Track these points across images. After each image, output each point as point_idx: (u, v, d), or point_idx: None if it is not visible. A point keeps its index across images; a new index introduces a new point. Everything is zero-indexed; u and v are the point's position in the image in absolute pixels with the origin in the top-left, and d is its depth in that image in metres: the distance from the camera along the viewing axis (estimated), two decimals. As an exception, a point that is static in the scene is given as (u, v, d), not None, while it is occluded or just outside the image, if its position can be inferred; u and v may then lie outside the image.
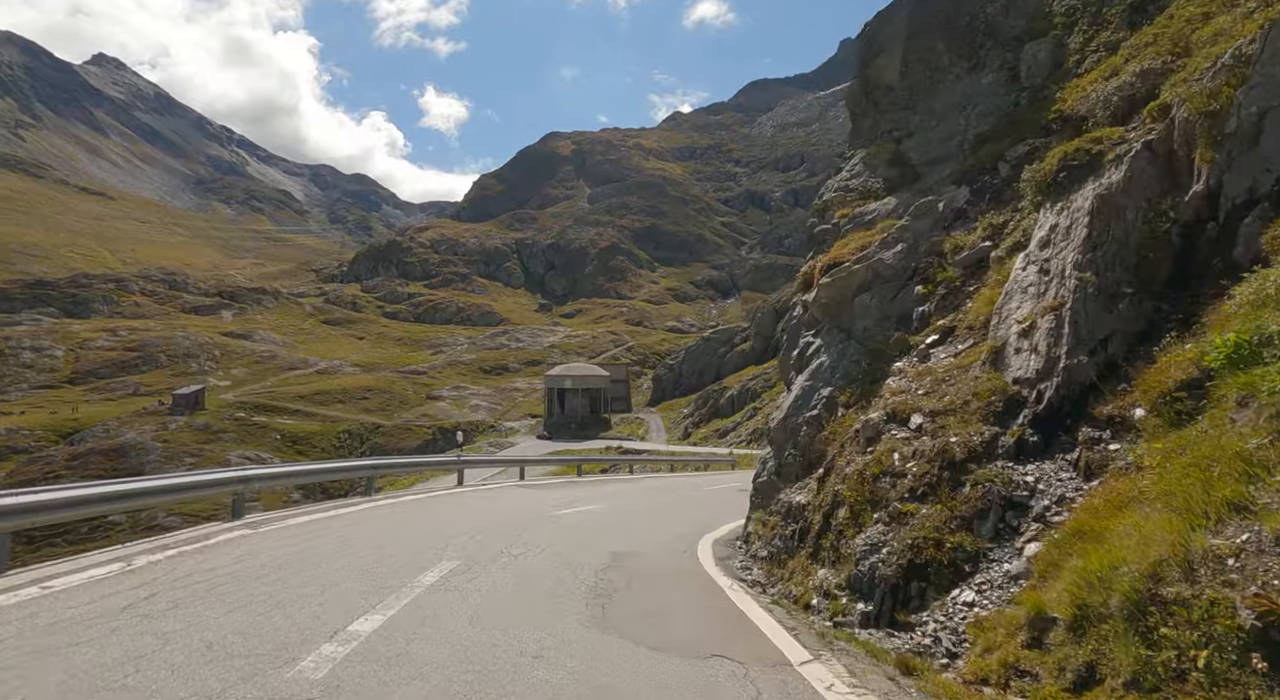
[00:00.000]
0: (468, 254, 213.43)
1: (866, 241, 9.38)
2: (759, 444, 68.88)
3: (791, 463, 9.16)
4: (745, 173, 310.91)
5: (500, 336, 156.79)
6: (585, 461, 31.63)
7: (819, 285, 9.67)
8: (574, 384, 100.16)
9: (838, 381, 8.71)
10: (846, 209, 10.79)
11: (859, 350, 8.81)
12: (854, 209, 10.66)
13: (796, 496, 8.44)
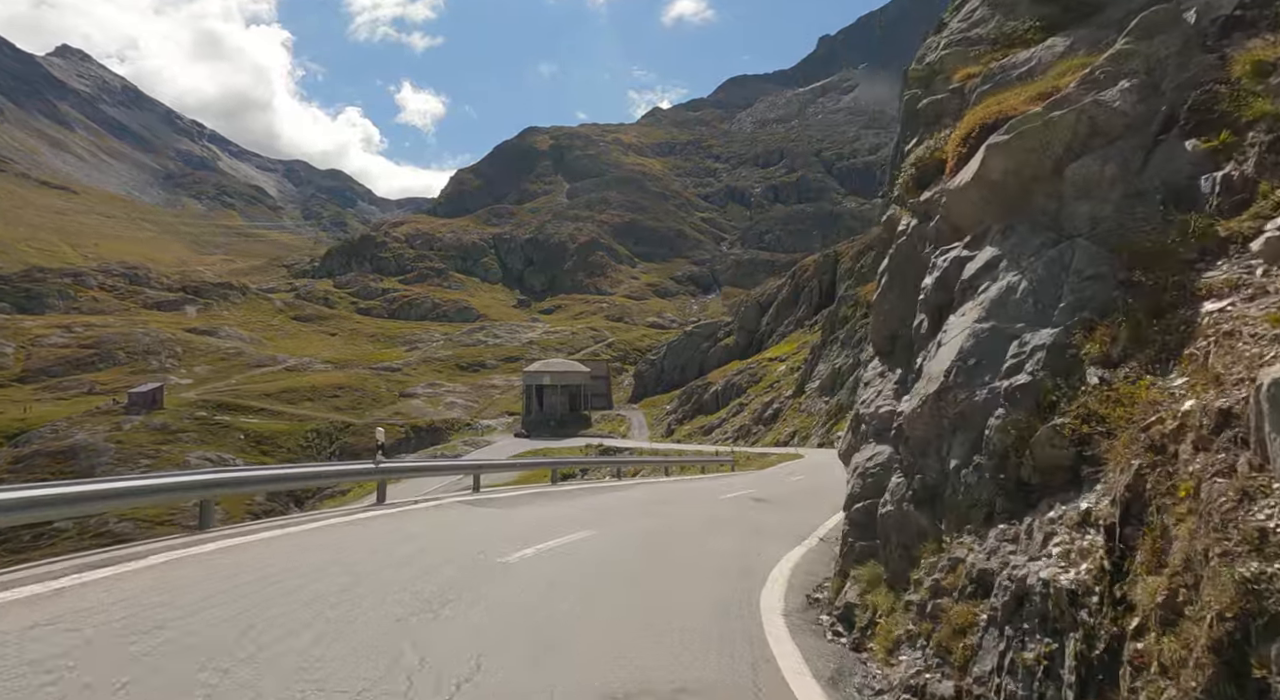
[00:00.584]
0: (444, 249, 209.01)
1: (1046, 89, 6.02)
2: (746, 441, 66.24)
3: (971, 485, 5.05)
4: (725, 168, 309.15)
5: (477, 333, 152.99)
6: (563, 465, 25.47)
7: (980, 160, 6.00)
8: (553, 380, 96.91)
9: (1064, 317, 4.93)
10: (974, 67, 7.44)
11: (1095, 256, 4.92)
12: (989, 64, 7.28)
13: (1013, 560, 4.25)
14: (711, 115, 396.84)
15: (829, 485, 21.18)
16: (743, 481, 23.78)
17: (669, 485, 22.20)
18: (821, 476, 23.78)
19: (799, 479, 23.37)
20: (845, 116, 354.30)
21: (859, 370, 60.68)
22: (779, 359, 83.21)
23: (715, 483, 23.56)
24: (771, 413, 66.19)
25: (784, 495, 18.84)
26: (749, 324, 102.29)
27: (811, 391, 62.65)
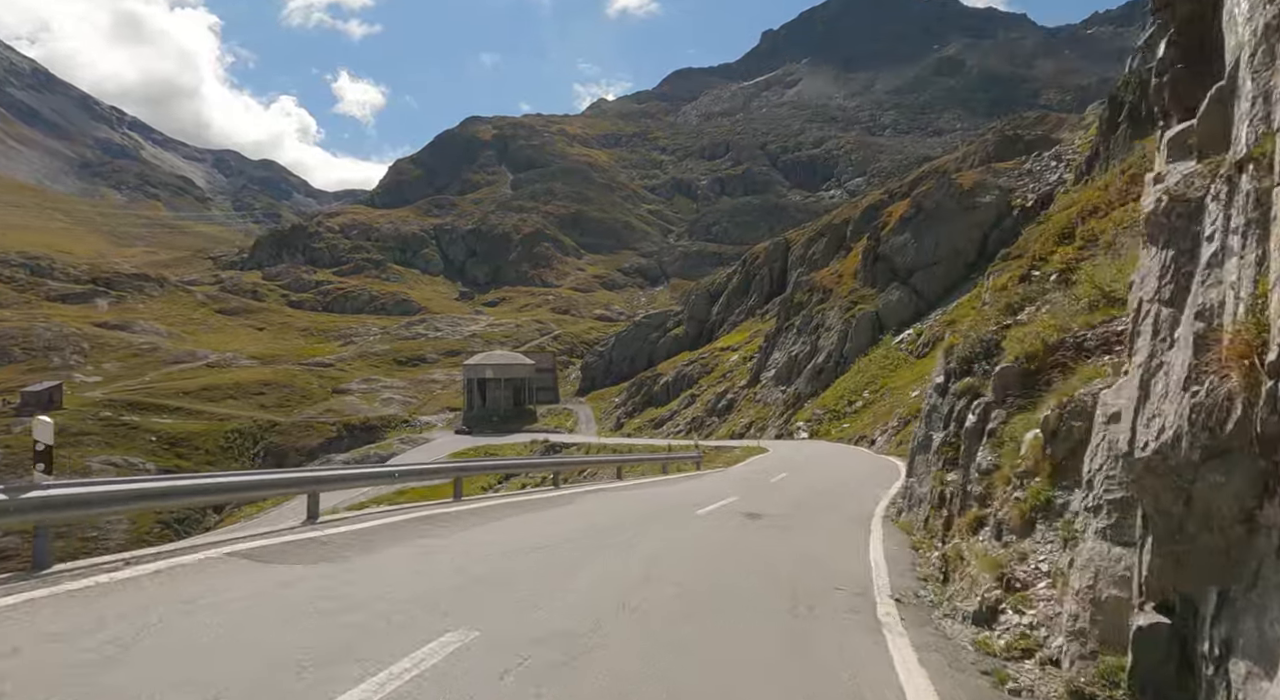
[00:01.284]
0: (382, 240, 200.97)
1: None
2: (699, 433, 63.16)
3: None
4: (671, 161, 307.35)
5: (417, 326, 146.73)
6: (470, 471, 16.07)
7: None
8: (495, 374, 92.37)
9: None
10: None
11: None
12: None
13: None
14: (657, 108, 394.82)
15: (828, 486, 18.04)
16: (716, 484, 18.99)
17: (624, 494, 16.22)
18: (809, 475, 20.52)
19: (783, 477, 19.93)
20: (789, 110, 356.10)
21: (816, 358, 58.23)
22: (731, 348, 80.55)
23: (683, 488, 17.98)
24: (725, 404, 63.32)
25: (780, 505, 14.16)
26: (699, 313, 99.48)
27: (767, 381, 59.98)
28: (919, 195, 58.20)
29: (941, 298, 51.92)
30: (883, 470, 21.12)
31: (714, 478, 21.68)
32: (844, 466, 23.15)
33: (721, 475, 22.25)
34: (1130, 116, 45.37)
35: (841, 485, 17.80)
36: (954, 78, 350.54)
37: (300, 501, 11.33)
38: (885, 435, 32.39)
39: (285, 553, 7.78)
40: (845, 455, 29.20)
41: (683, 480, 21.43)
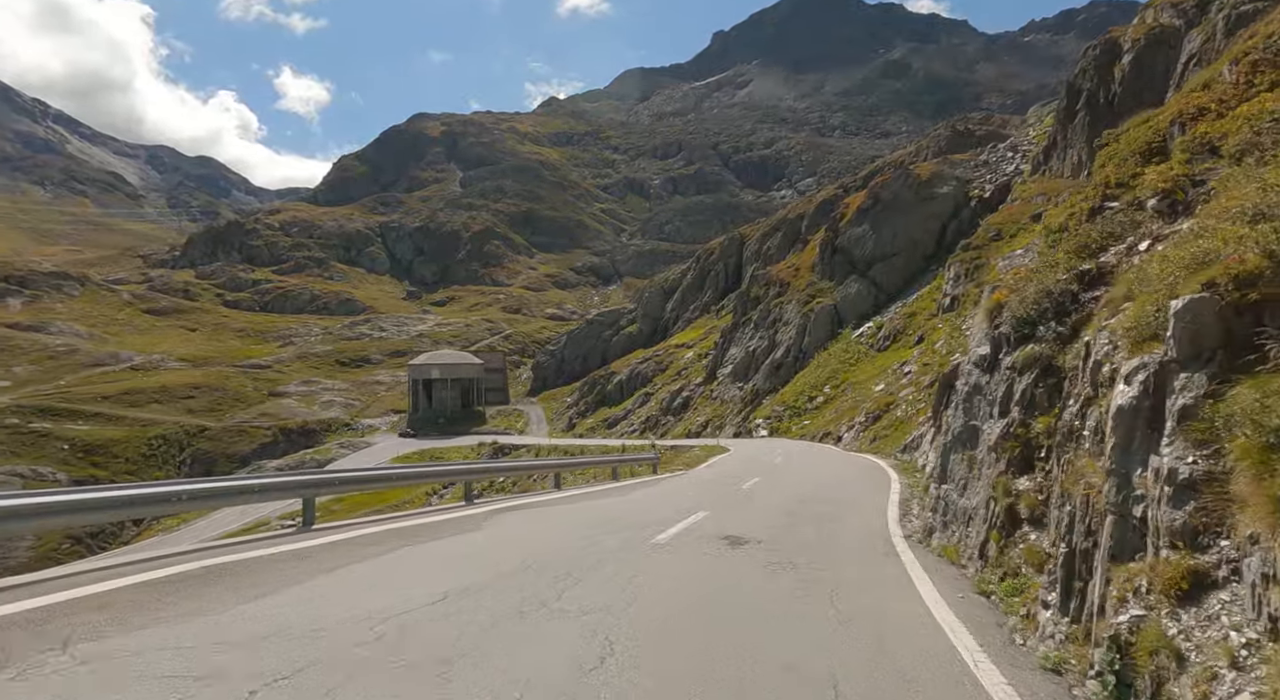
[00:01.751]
0: (325, 237, 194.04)
1: None
2: (654, 432, 60.90)
3: None
4: (624, 160, 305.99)
5: (361, 325, 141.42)
6: (323, 492, 11.04)
7: None
8: (442, 374, 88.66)
9: None
10: None
11: None
12: None
13: None
14: (609, 107, 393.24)
15: (813, 493, 14.62)
16: (677, 493, 15.37)
17: (560, 512, 12.24)
18: (786, 480, 17.47)
19: (756, 483, 16.60)
20: (740, 111, 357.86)
21: (774, 353, 56.52)
22: (686, 346, 78.56)
23: (637, 499, 14.27)
24: (681, 402, 61.19)
25: (766, 524, 10.53)
26: (653, 311, 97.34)
27: (724, 378, 58.04)
28: (876, 186, 57.01)
29: (901, 290, 50.69)
30: (866, 471, 18.66)
31: (674, 484, 18.07)
32: (822, 467, 20.47)
33: (683, 480, 19.07)
34: (1088, 104, 44.73)
35: (830, 492, 14.82)
36: (900, 81, 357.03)
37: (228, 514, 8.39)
38: (852, 431, 30.52)
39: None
40: (816, 454, 26.70)
41: (637, 487, 17.30)
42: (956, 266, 44.22)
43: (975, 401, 6.90)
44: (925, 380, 26.09)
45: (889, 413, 27.54)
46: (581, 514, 12.00)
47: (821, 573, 7.10)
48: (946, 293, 44.10)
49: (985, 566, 6.01)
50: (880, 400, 29.76)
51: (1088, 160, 45.78)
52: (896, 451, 21.86)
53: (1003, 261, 42.94)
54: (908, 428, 23.33)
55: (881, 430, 25.98)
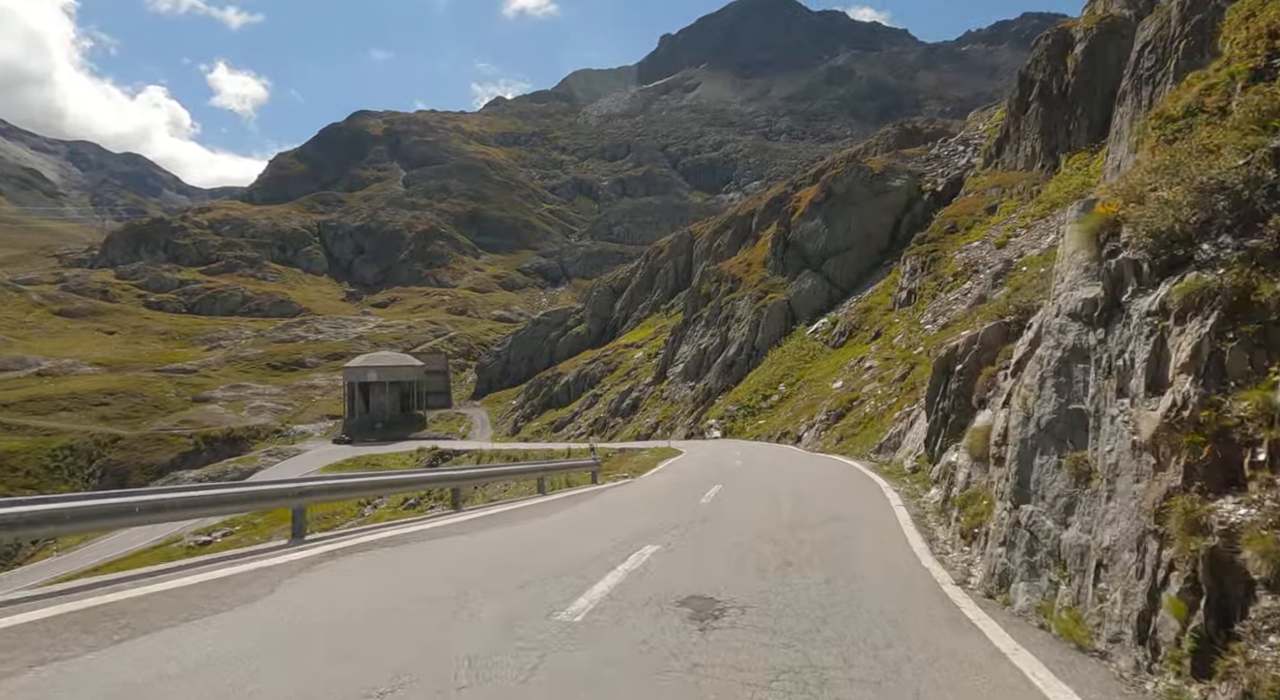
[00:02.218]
0: (259, 236, 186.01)
1: None
2: (602, 435, 58.38)
3: None
4: (572, 161, 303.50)
5: (296, 327, 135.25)
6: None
7: None
8: (380, 377, 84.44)
9: None
10: None
11: None
12: None
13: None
14: (557, 107, 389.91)
15: (797, 511, 10.91)
16: (620, 510, 11.89)
17: (433, 551, 8.30)
18: (754, 488, 13.96)
19: (718, 494, 13.14)
20: (688, 114, 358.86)
21: (727, 351, 54.59)
22: (635, 345, 76.31)
23: (559, 525, 10.45)
24: (630, 403, 58.81)
25: (747, 567, 7.20)
26: (602, 310, 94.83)
27: (675, 377, 55.90)
28: (828, 179, 55.72)
29: (855, 285, 49.33)
30: (846, 476, 15.97)
31: (616, 496, 14.17)
32: (792, 472, 17.60)
33: (627, 491, 15.14)
34: (1041, 95, 44.06)
35: (816, 505, 11.52)
36: (844, 87, 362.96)
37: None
38: (813, 430, 28.55)
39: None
40: (779, 456, 24.12)
41: (566, 504, 13.08)
42: (912, 260, 42.98)
43: (1074, 372, 4.55)
44: (896, 373, 23.98)
45: (854, 410, 25.56)
46: (466, 555, 7.95)
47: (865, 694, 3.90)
48: (902, 287, 42.80)
49: (1164, 665, 3.36)
50: (842, 397, 27.87)
51: (1042, 152, 45.12)
52: (870, 452, 19.79)
53: (959, 253, 41.82)
54: (880, 426, 21.19)
55: (849, 429, 23.79)
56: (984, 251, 39.05)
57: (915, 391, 18.31)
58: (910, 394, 18.75)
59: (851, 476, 15.93)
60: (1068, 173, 40.58)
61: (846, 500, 12.15)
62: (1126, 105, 38.65)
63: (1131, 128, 39.84)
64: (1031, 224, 38.21)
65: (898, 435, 17.07)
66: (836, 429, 25.00)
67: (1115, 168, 40.80)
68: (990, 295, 29.69)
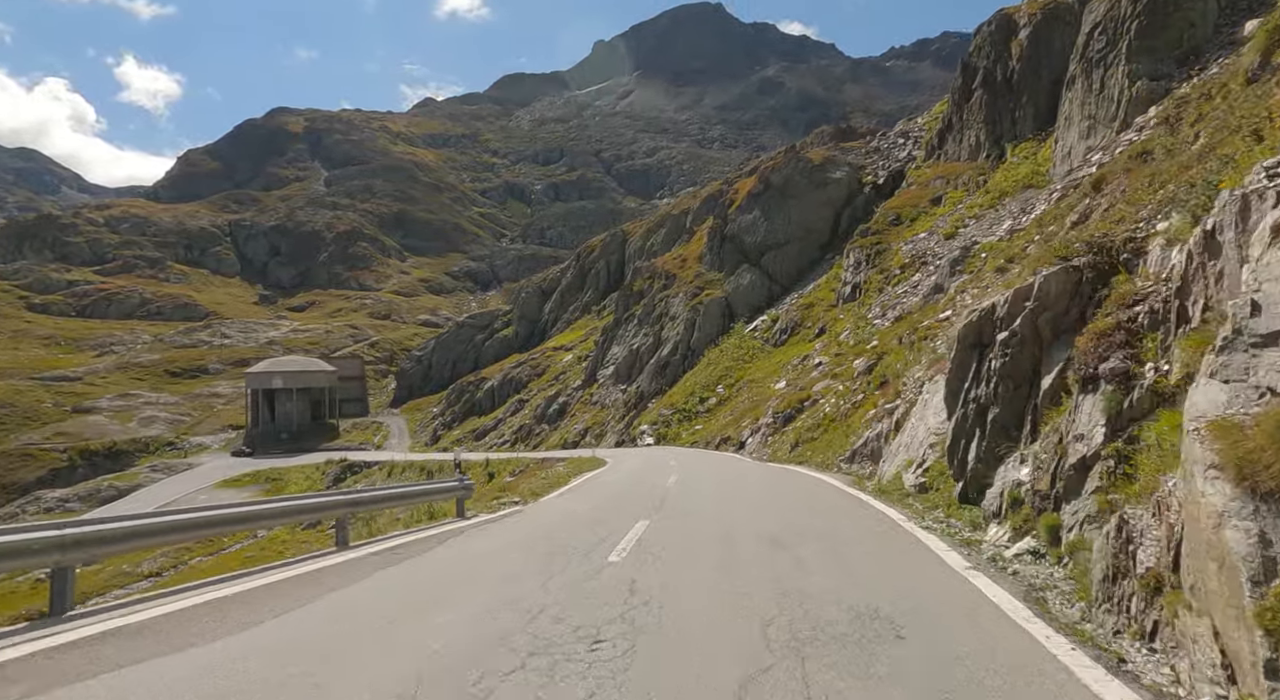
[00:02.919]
0: (162, 236, 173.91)
1: None
2: (526, 443, 54.10)
3: None
4: (504, 164, 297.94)
5: (200, 332, 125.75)
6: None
7: None
8: (286, 383, 77.82)
9: None
10: None
11: None
12: None
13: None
14: (488, 110, 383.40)
15: (782, 579, 6.11)
16: (449, 594, 6.21)
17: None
18: (695, 520, 9.72)
19: (638, 539, 8.33)
20: (622, 120, 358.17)
21: (660, 351, 51.08)
22: (565, 348, 72.19)
23: (301, 633, 5.10)
24: (557, 409, 54.69)
25: None
26: (530, 312, 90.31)
27: (605, 379, 52.09)
28: (767, 171, 53.10)
29: (796, 280, 46.64)
30: (826, 500, 11.63)
31: (460, 554, 8.38)
32: (748, 495, 12.99)
33: (490, 540, 9.21)
34: (986, 83, 42.33)
35: (816, 579, 6.32)
36: (774, 97, 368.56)
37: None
38: (758, 435, 25.12)
39: None
40: (724, 468, 19.60)
41: (345, 577, 7.18)
42: (856, 253, 40.45)
43: None
44: (860, 366, 20.46)
45: (809, 411, 22.04)
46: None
47: None
48: (846, 281, 40.22)
49: None
50: (790, 397, 24.57)
51: (987, 141, 43.34)
52: (839, 461, 15.92)
53: (906, 245, 39.50)
54: (847, 428, 17.38)
55: (805, 433, 19.80)
56: (932, 242, 36.77)
57: (889, 386, 14.94)
58: (884, 389, 15.44)
59: (836, 501, 11.38)
60: (1014, 162, 38.78)
61: (864, 560, 7.05)
62: (1076, 90, 37.00)
63: (1082, 112, 38.31)
64: (981, 214, 36.12)
65: (876, 439, 13.47)
66: (788, 433, 21.49)
67: (1065, 154, 39.15)
68: (947, 283, 27.06)
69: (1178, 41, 32.26)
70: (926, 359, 13.65)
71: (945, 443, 8.27)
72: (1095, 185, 15.02)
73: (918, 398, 11.67)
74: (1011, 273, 13.39)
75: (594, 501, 12.75)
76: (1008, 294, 7.20)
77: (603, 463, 23.78)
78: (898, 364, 15.91)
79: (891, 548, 7.60)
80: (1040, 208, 28.67)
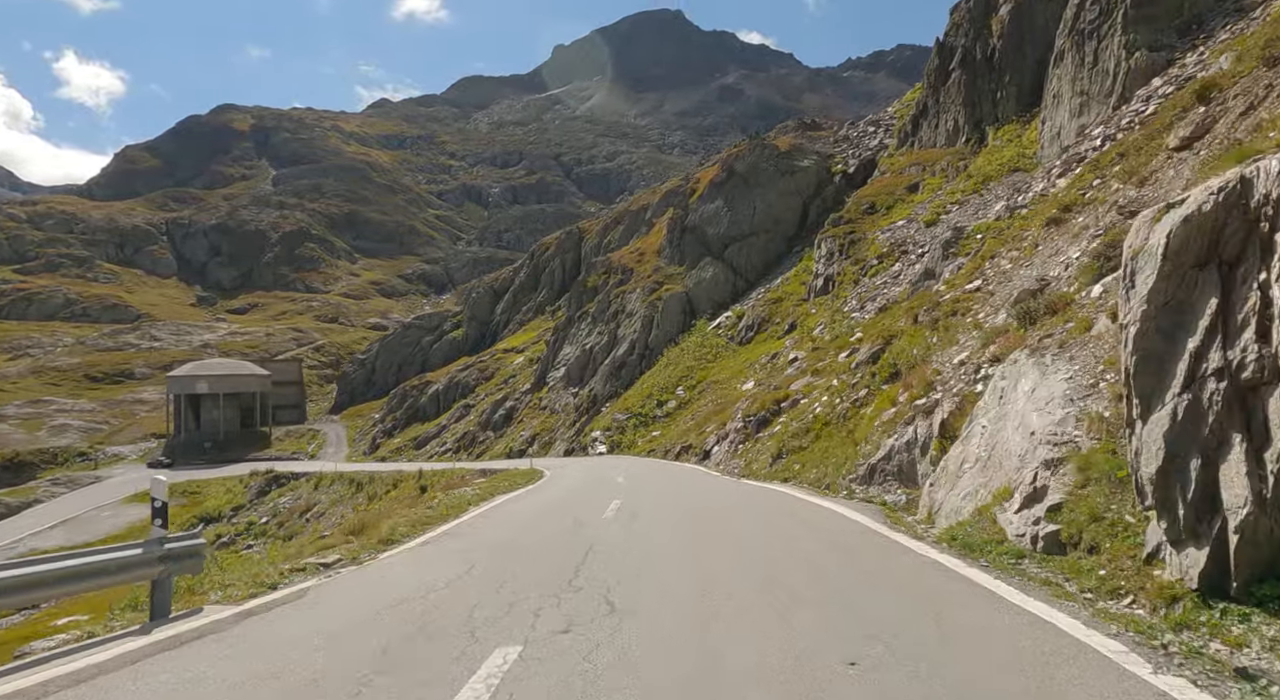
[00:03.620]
0: (92, 233, 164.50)
1: None
2: (469, 452, 49.58)
3: None
4: (462, 166, 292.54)
5: (127, 334, 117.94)
6: None
7: None
8: (213, 388, 71.83)
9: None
10: None
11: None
12: None
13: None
14: (446, 112, 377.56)
15: None
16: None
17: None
18: (613, 630, 4.85)
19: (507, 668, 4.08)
20: (582, 124, 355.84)
21: (616, 350, 46.92)
22: (516, 350, 67.77)
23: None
24: (503, 414, 50.33)
25: None
26: (481, 313, 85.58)
27: (555, 382, 47.92)
28: (730, 158, 49.67)
29: (763, 274, 43.20)
30: (867, 563, 6.83)
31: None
32: (732, 547, 7.98)
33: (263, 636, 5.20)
34: (964, 63, 39.50)
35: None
36: (734, 104, 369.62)
37: None
38: (725, 443, 21.17)
39: None
40: (690, 489, 15.04)
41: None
42: (829, 243, 37.11)
43: None
44: (859, 356, 15.84)
45: (791, 412, 17.87)
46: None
47: None
48: (818, 273, 36.85)
49: None
50: (763, 399, 20.69)
51: (966, 125, 40.45)
52: (850, 481, 11.39)
53: (883, 234, 36.30)
54: (850, 434, 13.10)
55: (791, 441, 15.07)
56: (912, 230, 33.60)
57: (909, 377, 10.89)
58: (901, 382, 11.56)
59: (890, 571, 6.42)
60: (997, 145, 35.90)
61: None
62: (1065, 65, 34.19)
63: (1073, 89, 35.57)
64: (964, 199, 33.06)
65: (906, 450, 9.67)
66: (764, 441, 17.35)
67: (1055, 134, 36.32)
68: (940, 268, 23.70)
69: (1178, 9, 29.73)
70: (976, 336, 9.84)
71: (1136, 458, 4.29)
72: (1200, 96, 11.73)
73: (974, 388, 8.04)
74: (1073, 223, 9.97)
75: (457, 569, 7.28)
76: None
77: (538, 476, 19.58)
78: (914, 349, 12.12)
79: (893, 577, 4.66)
80: (1038, 187, 25.56)
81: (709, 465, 20.79)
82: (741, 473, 16.31)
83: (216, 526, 47.11)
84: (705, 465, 21.18)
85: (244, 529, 45.48)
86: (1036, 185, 25.19)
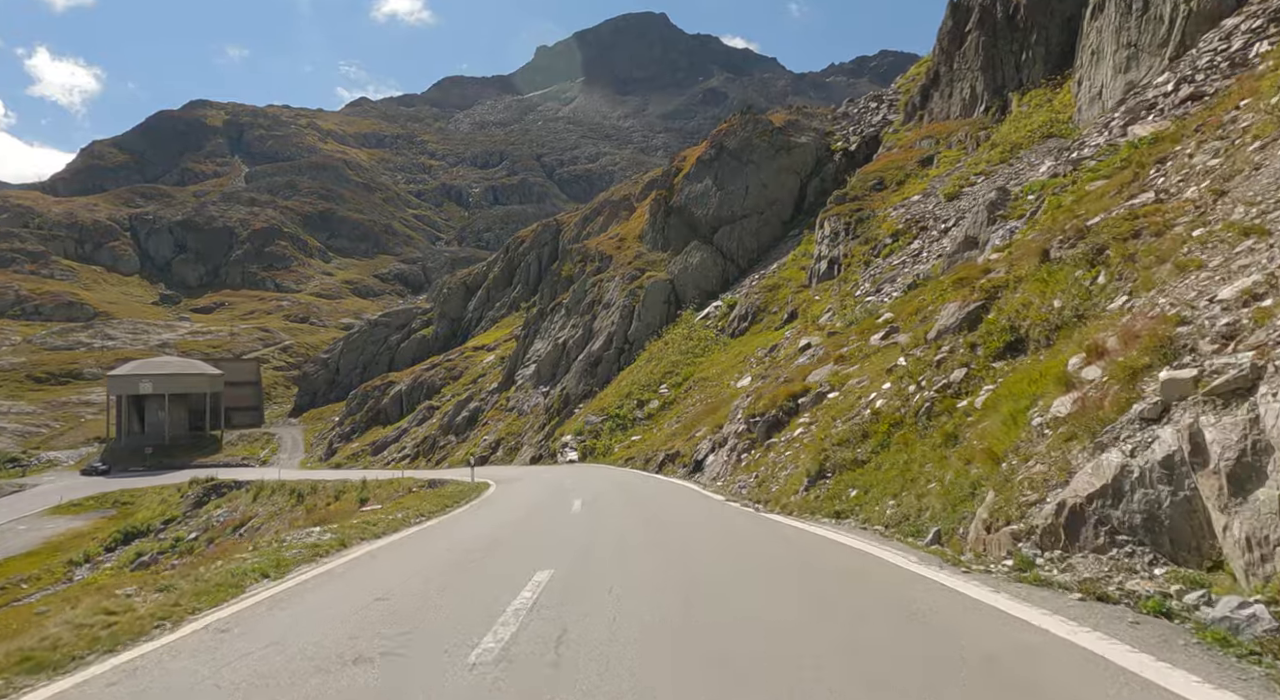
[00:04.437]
0: (48, 228, 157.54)
1: None
2: (428, 459, 44.60)
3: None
4: (442, 166, 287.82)
5: (79, 332, 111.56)
6: None
7: None
8: (157, 388, 66.31)
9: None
10: None
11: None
12: None
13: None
14: (426, 112, 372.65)
15: None
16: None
17: None
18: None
19: None
20: (565, 126, 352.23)
21: (591, 344, 41.45)
22: (487, 348, 62.86)
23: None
24: (467, 416, 45.45)
25: None
26: (453, 310, 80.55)
27: (524, 381, 43.13)
28: (720, 134, 45.21)
29: (757, 259, 38.73)
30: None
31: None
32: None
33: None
34: (982, 23, 35.36)
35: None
36: (717, 108, 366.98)
37: None
38: (722, 451, 16.45)
39: None
40: (697, 536, 8.46)
41: None
42: (833, 222, 32.70)
43: None
44: (940, 325, 9.96)
45: (813, 410, 12.66)
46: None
47: None
48: (821, 256, 32.44)
49: None
50: (772, 395, 15.75)
51: (985, 92, 36.18)
52: (1001, 534, 4.99)
53: (896, 210, 31.99)
54: (956, 435, 7.70)
55: (838, 450, 9.03)
56: (930, 204, 29.27)
57: (1088, 333, 5.37)
58: (1049, 350, 6.25)
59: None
60: (1024, 111, 31.66)
61: None
62: (1107, 15, 29.96)
63: (1118, 42, 31.41)
64: (990, 170, 28.80)
65: (1166, 475, 3.36)
66: (787, 450, 12.01)
67: (1095, 95, 32.08)
68: (983, 234, 19.31)
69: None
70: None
71: None
72: None
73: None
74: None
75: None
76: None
77: (481, 491, 14.82)
78: (1055, 299, 7.05)
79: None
80: (1098, 139, 21.25)
81: (702, 481, 16.00)
82: (757, 498, 11.02)
83: (140, 543, 42.07)
84: (697, 480, 16.39)
85: (170, 545, 40.51)
86: (1096, 138, 20.94)
